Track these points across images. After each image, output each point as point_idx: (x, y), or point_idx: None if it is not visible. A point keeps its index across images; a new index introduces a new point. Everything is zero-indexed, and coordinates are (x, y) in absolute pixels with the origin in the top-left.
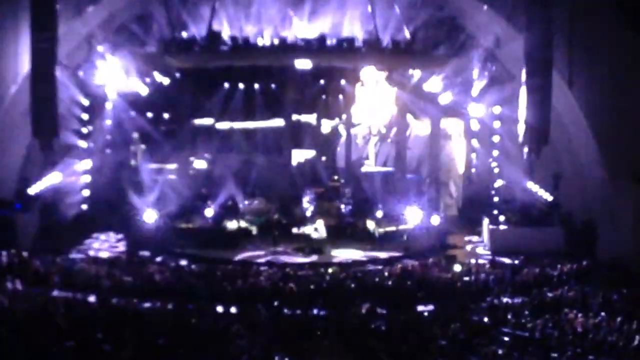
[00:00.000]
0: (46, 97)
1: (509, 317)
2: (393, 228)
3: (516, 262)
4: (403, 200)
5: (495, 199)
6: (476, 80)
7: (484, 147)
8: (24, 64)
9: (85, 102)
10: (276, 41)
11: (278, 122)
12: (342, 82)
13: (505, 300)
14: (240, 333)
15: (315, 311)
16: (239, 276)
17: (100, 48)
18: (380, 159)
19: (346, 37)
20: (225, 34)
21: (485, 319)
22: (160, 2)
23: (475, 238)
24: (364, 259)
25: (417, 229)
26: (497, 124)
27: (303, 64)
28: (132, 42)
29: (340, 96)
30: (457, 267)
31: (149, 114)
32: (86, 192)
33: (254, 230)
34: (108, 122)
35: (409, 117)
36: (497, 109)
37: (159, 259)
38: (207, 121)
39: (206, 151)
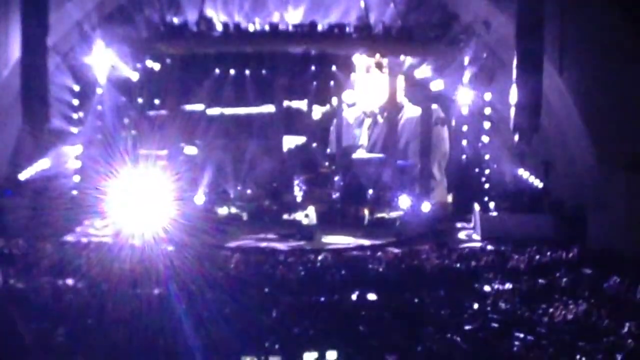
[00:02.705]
0: (37, 83)
1: (499, 303)
2: (384, 214)
3: (506, 248)
4: (394, 187)
5: (486, 185)
6: (467, 67)
7: (475, 134)
8: (15, 49)
9: (76, 88)
10: (267, 27)
11: (269, 108)
12: (333, 68)
13: (495, 286)
14: (230, 319)
15: (305, 298)
16: (229, 262)
17: (91, 34)
18: (371, 142)
19: (337, 23)
20: (217, 19)
21: (476, 306)
22: None
23: (465, 224)
24: (355, 245)
25: (408, 215)
26: (487, 111)
27: (294, 50)
28: (123, 28)
29: (332, 82)
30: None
31: (140, 100)
32: (77, 178)
33: (245, 216)
34: (99, 108)
35: (403, 99)
36: (488, 96)
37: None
38: (198, 107)
39: (197, 137)
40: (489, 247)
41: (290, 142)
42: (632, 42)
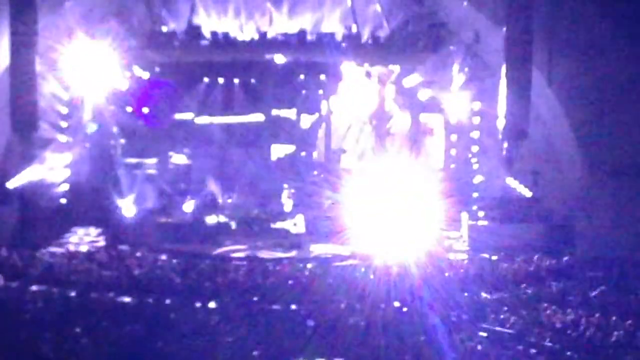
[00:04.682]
0: (26, 91)
1: (488, 313)
2: None
3: (495, 258)
4: None
5: (474, 194)
6: (456, 76)
7: (463, 143)
8: (4, 57)
9: (65, 97)
10: (256, 36)
11: (257, 117)
12: (322, 77)
13: (483, 296)
14: (218, 328)
15: (293, 307)
16: (218, 271)
17: (80, 42)
18: (359, 150)
19: (326, 32)
20: (205, 28)
21: (464, 315)
22: None
23: (454, 234)
24: (343, 254)
25: None
26: (476, 120)
27: (283, 58)
28: (112, 36)
29: (320, 91)
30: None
31: (129, 109)
32: (65, 186)
33: (233, 225)
34: (87, 117)
35: (392, 108)
36: (477, 105)
37: (138, 253)
38: (187, 116)
39: (185, 146)
40: (478, 257)
41: (279, 150)
42: (621, 53)
